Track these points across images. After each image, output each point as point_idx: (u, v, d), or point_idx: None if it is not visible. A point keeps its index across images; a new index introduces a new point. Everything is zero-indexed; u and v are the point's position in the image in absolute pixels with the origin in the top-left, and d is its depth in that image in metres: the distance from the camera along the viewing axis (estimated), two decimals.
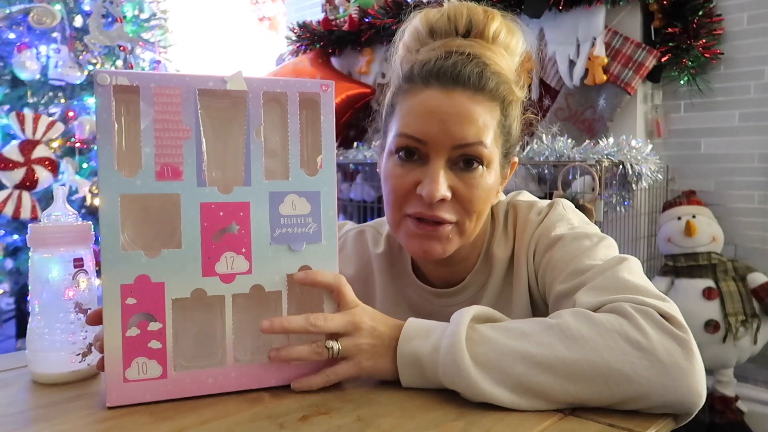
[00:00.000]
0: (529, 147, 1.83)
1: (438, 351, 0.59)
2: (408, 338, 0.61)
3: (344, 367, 0.62)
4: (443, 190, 0.69)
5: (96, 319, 0.61)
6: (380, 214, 2.29)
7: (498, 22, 0.75)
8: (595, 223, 0.89)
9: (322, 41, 2.74)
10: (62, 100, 2.30)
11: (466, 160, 0.71)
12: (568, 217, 0.77)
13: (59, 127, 2.10)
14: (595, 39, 1.99)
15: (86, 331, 0.66)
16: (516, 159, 0.80)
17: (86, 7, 2.35)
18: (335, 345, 0.61)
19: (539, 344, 0.56)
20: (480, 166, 0.71)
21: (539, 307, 0.78)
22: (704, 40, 1.96)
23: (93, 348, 0.66)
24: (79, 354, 0.65)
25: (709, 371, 1.94)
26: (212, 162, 0.62)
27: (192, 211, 0.59)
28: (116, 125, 0.58)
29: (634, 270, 0.66)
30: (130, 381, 0.57)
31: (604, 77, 1.97)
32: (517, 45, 0.78)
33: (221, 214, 0.60)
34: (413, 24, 0.77)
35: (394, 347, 0.62)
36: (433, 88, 0.71)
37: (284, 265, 0.62)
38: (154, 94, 0.57)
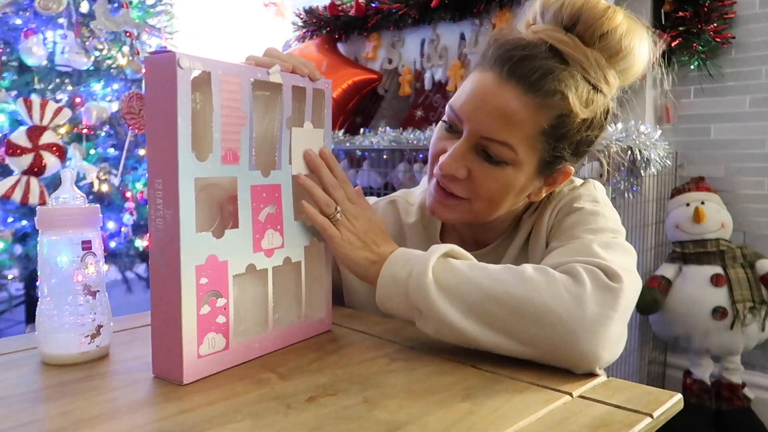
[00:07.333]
0: None
1: (411, 275, 0.64)
2: (390, 264, 0.67)
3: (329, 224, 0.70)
4: (455, 169, 0.74)
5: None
6: None
7: (615, 24, 0.70)
8: None
9: (329, 27, 2.72)
10: (69, 87, 2.30)
11: (489, 152, 0.73)
12: (595, 196, 0.80)
13: (66, 113, 2.09)
14: None
15: (95, 313, 0.66)
16: (571, 168, 0.78)
17: None
18: (340, 209, 0.70)
19: (494, 280, 0.62)
20: (502, 163, 0.73)
21: None
22: (715, 24, 1.93)
23: (100, 331, 0.63)
24: (88, 336, 0.66)
25: (717, 358, 1.94)
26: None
27: (245, 193, 0.63)
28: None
29: (611, 245, 0.68)
30: (203, 356, 0.60)
31: None
32: (632, 50, 0.72)
33: (264, 195, 0.65)
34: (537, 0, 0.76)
35: (376, 253, 0.69)
36: (493, 72, 0.72)
37: (303, 238, 0.72)
38: (221, 81, 0.59)
